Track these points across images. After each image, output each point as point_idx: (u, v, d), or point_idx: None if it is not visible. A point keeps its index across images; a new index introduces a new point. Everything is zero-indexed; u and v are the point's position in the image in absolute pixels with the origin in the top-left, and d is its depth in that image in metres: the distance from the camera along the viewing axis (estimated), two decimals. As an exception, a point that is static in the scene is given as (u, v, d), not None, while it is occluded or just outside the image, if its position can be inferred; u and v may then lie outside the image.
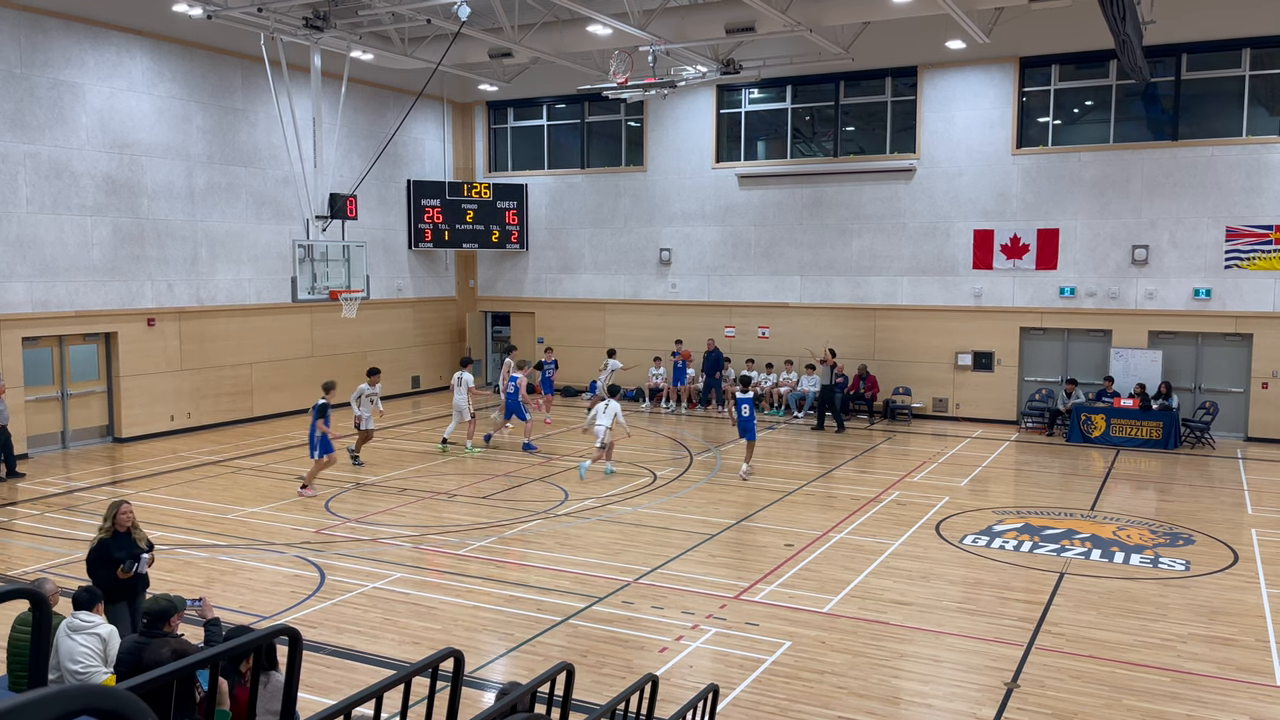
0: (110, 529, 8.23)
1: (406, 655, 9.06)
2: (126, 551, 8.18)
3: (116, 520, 8.25)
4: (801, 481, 16.40)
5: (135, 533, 8.38)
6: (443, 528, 13.59)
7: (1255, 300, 20.07)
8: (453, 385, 19.06)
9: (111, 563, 8.10)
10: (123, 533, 8.27)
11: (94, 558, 8.19)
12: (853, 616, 10.11)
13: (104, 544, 8.19)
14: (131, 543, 8.29)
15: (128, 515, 8.34)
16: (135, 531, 8.39)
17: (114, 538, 8.22)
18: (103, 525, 8.30)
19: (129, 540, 8.29)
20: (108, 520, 8.27)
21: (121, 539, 8.25)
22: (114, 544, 8.19)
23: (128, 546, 8.23)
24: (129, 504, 8.43)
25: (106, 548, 8.17)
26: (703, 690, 6.82)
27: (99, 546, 8.19)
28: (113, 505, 8.35)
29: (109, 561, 8.10)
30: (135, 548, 8.27)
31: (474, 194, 26.76)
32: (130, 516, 8.36)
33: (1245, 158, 19.98)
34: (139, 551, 8.27)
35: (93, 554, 8.22)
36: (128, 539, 8.29)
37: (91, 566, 8.20)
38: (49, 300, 18.44)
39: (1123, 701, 8.17)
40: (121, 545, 8.21)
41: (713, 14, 19.09)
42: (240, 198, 21.87)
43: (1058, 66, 21.53)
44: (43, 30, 18.15)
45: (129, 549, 8.22)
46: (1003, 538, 13.08)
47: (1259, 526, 13.80)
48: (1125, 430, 19.79)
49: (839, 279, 23.74)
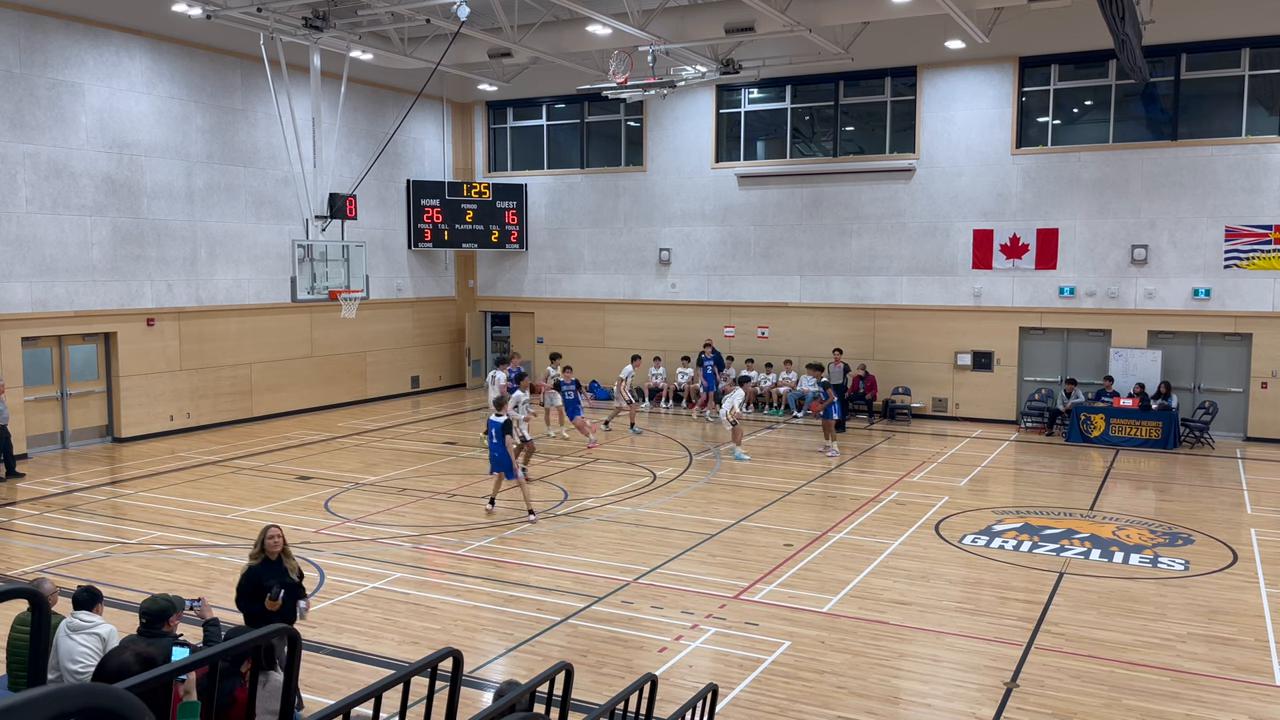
0: (259, 555, 7.69)
1: (406, 655, 9.06)
2: (276, 580, 7.62)
3: (265, 547, 7.69)
4: (801, 481, 16.40)
5: (287, 560, 7.78)
6: (442, 528, 13.59)
7: (1254, 300, 20.07)
8: (487, 384, 19.07)
9: (261, 592, 7.56)
10: (273, 560, 7.70)
11: (243, 586, 7.70)
12: (852, 616, 10.11)
13: (253, 572, 7.66)
14: (282, 571, 7.70)
15: (277, 541, 7.73)
16: (287, 560, 7.79)
17: (264, 565, 7.67)
18: (252, 552, 7.77)
19: (279, 568, 7.71)
20: (257, 546, 7.73)
21: (272, 567, 7.68)
22: (264, 572, 7.65)
23: (278, 575, 7.66)
24: (279, 528, 7.83)
25: (256, 576, 7.63)
26: (702, 690, 6.81)
27: (248, 574, 7.68)
28: (262, 531, 7.81)
29: (258, 591, 7.56)
30: (285, 576, 7.70)
31: (473, 194, 26.76)
32: (280, 542, 7.75)
33: (1245, 157, 19.99)
34: (289, 581, 7.70)
35: (242, 582, 7.72)
36: (278, 567, 7.70)
37: (240, 596, 7.69)
38: (48, 300, 18.44)
39: (1122, 701, 8.17)
40: (272, 573, 7.65)
41: (712, 14, 19.09)
42: (240, 198, 21.86)
43: (1057, 66, 21.53)
44: (42, 30, 18.15)
45: (279, 578, 7.65)
46: (1002, 537, 13.08)
47: (1258, 526, 13.80)
48: (1124, 430, 19.79)
49: (838, 279, 23.74)
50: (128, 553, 12.40)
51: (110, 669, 4.91)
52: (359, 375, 25.10)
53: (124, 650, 5.12)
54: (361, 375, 25.18)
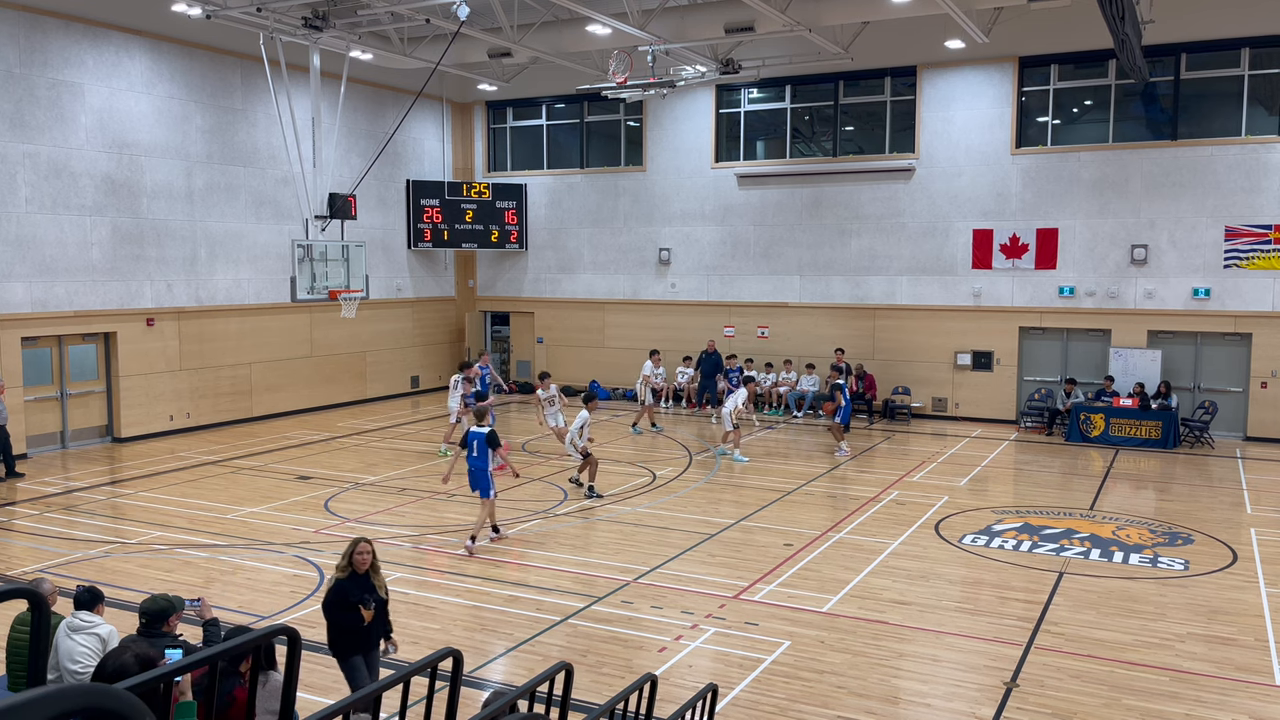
0: (347, 568, 7.41)
1: (406, 655, 9.05)
2: (364, 595, 7.35)
3: (354, 561, 7.41)
4: (801, 481, 16.40)
5: (375, 576, 7.49)
6: (442, 528, 13.59)
7: (1254, 300, 20.07)
8: (450, 387, 18.91)
9: (348, 606, 7.27)
10: (361, 574, 7.43)
11: (330, 601, 7.40)
12: (852, 616, 10.11)
13: (340, 585, 7.38)
14: (370, 587, 7.42)
15: (366, 556, 7.43)
16: (375, 575, 7.49)
17: (351, 579, 7.39)
18: (339, 564, 7.49)
19: (367, 584, 7.42)
20: (344, 559, 7.45)
21: (360, 581, 7.40)
22: (351, 586, 7.36)
23: (365, 590, 7.38)
24: (368, 542, 7.51)
25: (343, 590, 7.34)
26: (702, 690, 6.82)
27: (335, 588, 7.40)
28: (352, 542, 7.54)
29: (345, 605, 7.29)
30: (374, 593, 7.41)
31: (473, 194, 26.76)
32: (368, 558, 7.44)
33: (1244, 157, 19.99)
34: (377, 598, 7.42)
35: (329, 597, 7.42)
36: (366, 581, 7.42)
37: (328, 610, 7.41)
38: (48, 300, 18.44)
39: (1122, 701, 8.18)
40: (360, 587, 7.37)
41: (712, 14, 19.09)
42: (239, 198, 21.86)
43: (1057, 66, 21.54)
44: (41, 30, 18.14)
45: (367, 594, 7.37)
46: (1002, 537, 13.08)
47: (1258, 526, 13.80)
48: (1124, 430, 19.79)
49: (838, 279, 23.74)
50: (127, 553, 12.40)
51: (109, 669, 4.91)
52: (359, 375, 25.10)
53: (124, 651, 5.12)
54: (361, 375, 25.18)
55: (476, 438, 12.66)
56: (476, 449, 12.60)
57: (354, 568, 7.39)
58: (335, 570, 7.50)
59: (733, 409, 18.21)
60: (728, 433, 18.38)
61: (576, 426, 15.40)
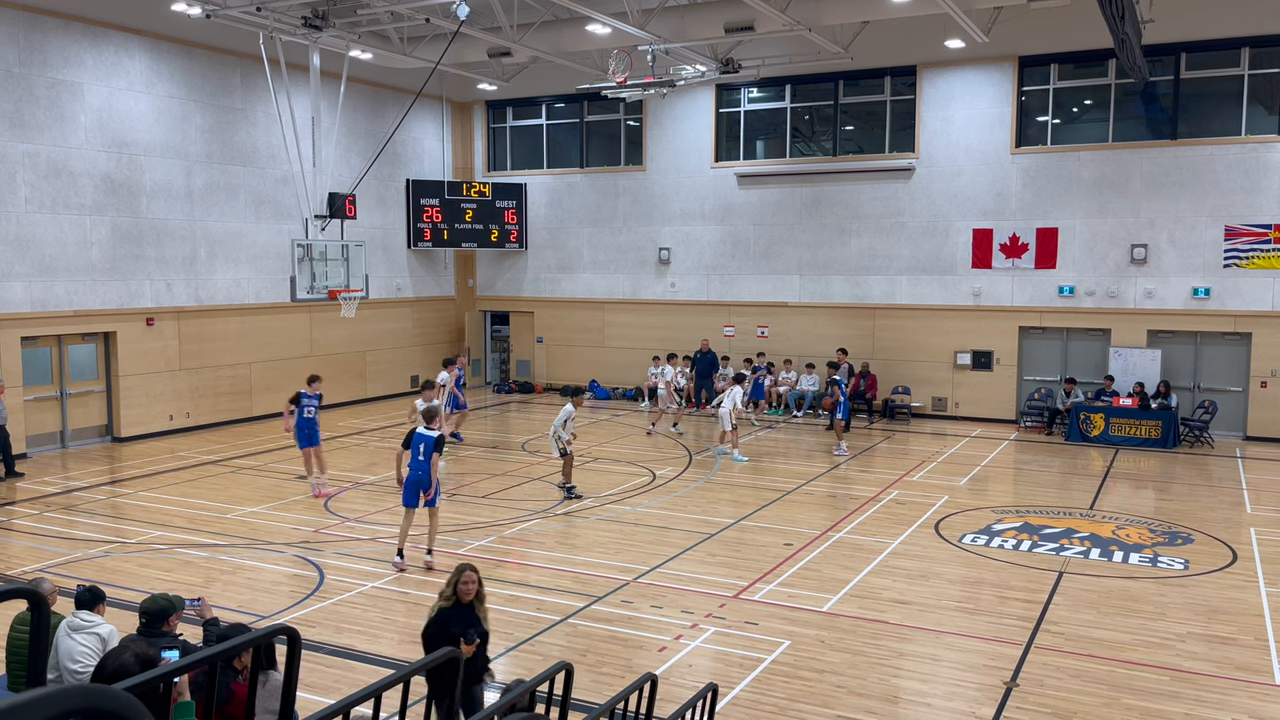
0: (451, 596, 7.07)
1: (406, 655, 9.06)
2: (467, 627, 6.95)
3: (458, 589, 7.06)
4: (801, 481, 16.40)
5: (479, 606, 7.14)
6: (442, 527, 13.57)
7: (1254, 299, 20.07)
8: (438, 385, 18.82)
9: (450, 638, 6.76)
10: (464, 604, 7.10)
11: (430, 630, 7.08)
12: (852, 615, 10.11)
13: (442, 615, 7.05)
14: (474, 618, 7.06)
15: (471, 585, 7.08)
16: (479, 606, 7.15)
17: (454, 608, 7.05)
18: (443, 592, 7.13)
19: (470, 614, 7.07)
20: (449, 588, 7.09)
21: (463, 610, 7.07)
22: (454, 615, 7.00)
23: (468, 622, 7.00)
24: (474, 571, 7.16)
25: (446, 620, 7.00)
26: (702, 689, 6.81)
27: (437, 618, 7.08)
28: (457, 569, 7.20)
29: (446, 637, 6.82)
30: (478, 624, 7.03)
31: (473, 193, 26.76)
32: (473, 588, 7.10)
33: (1244, 157, 19.99)
34: (480, 630, 7.02)
35: (430, 626, 7.10)
36: (469, 612, 7.08)
37: (427, 640, 7.06)
38: (48, 300, 18.43)
39: (1122, 700, 8.18)
40: (462, 618, 7.01)
41: (712, 13, 19.08)
42: (239, 197, 21.86)
43: (1057, 66, 21.53)
44: (41, 30, 18.14)
45: (470, 625, 6.98)
46: (1002, 537, 13.08)
47: (1258, 525, 13.81)
48: (1124, 429, 19.79)
49: (838, 278, 23.74)
50: (127, 552, 12.40)
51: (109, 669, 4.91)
52: (359, 375, 25.09)
53: (123, 650, 5.12)
54: (361, 375, 25.18)
55: (424, 440, 11.61)
56: (423, 453, 11.56)
57: (458, 597, 7.03)
58: (439, 598, 7.14)
59: (730, 409, 18.16)
60: (725, 432, 18.36)
61: (559, 421, 15.09)
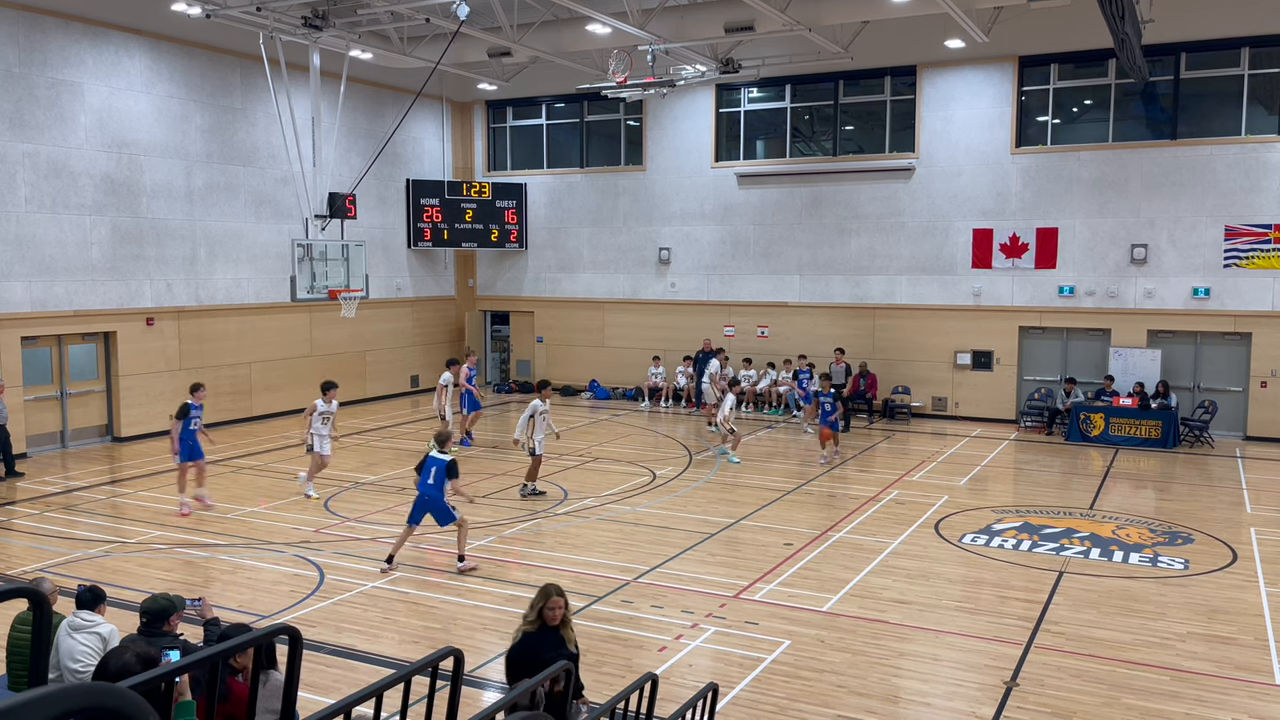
0: (536, 621, 6.64)
1: (406, 654, 9.05)
2: (554, 653, 6.39)
3: (543, 614, 6.64)
4: (801, 481, 16.40)
5: (565, 630, 6.70)
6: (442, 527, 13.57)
7: (1254, 299, 20.07)
8: (440, 387, 18.78)
9: (536, 664, 6.22)
10: (550, 628, 6.66)
11: (514, 655, 6.63)
12: (852, 615, 10.11)
13: (528, 639, 6.61)
14: (559, 642, 6.61)
15: (557, 611, 6.64)
16: (565, 629, 6.71)
17: (540, 632, 6.63)
18: (527, 615, 6.70)
19: (557, 639, 6.62)
20: (533, 611, 6.67)
21: (549, 635, 6.62)
22: (540, 641, 6.57)
23: (555, 646, 6.54)
24: (562, 596, 6.72)
25: (531, 645, 6.57)
26: (702, 689, 6.81)
27: (521, 642, 6.63)
28: (543, 591, 6.73)
29: (533, 663, 6.32)
30: (564, 648, 6.56)
31: (473, 193, 26.76)
32: (559, 612, 6.67)
33: (1244, 157, 19.99)
34: (568, 653, 6.50)
35: (514, 650, 6.65)
36: (556, 636, 6.63)
37: (512, 664, 6.62)
38: (48, 300, 18.43)
39: (1122, 700, 8.18)
40: (549, 643, 6.55)
41: (712, 13, 19.08)
42: (239, 197, 21.86)
43: (1057, 65, 21.53)
44: (41, 29, 18.13)
45: (556, 650, 6.49)
46: (1002, 537, 13.08)
47: (1258, 525, 13.81)
48: (1124, 429, 19.79)
49: (838, 278, 23.74)
50: (127, 552, 12.40)
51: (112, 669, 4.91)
52: (359, 375, 25.08)
53: (125, 650, 5.12)
54: (361, 375, 25.17)
55: (435, 464, 11.47)
56: (433, 477, 11.42)
57: (543, 621, 6.64)
58: (523, 621, 6.73)
59: (723, 416, 17.93)
60: (725, 435, 18.31)
61: (526, 416, 14.84)
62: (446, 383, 18.54)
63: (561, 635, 6.64)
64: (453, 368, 18.99)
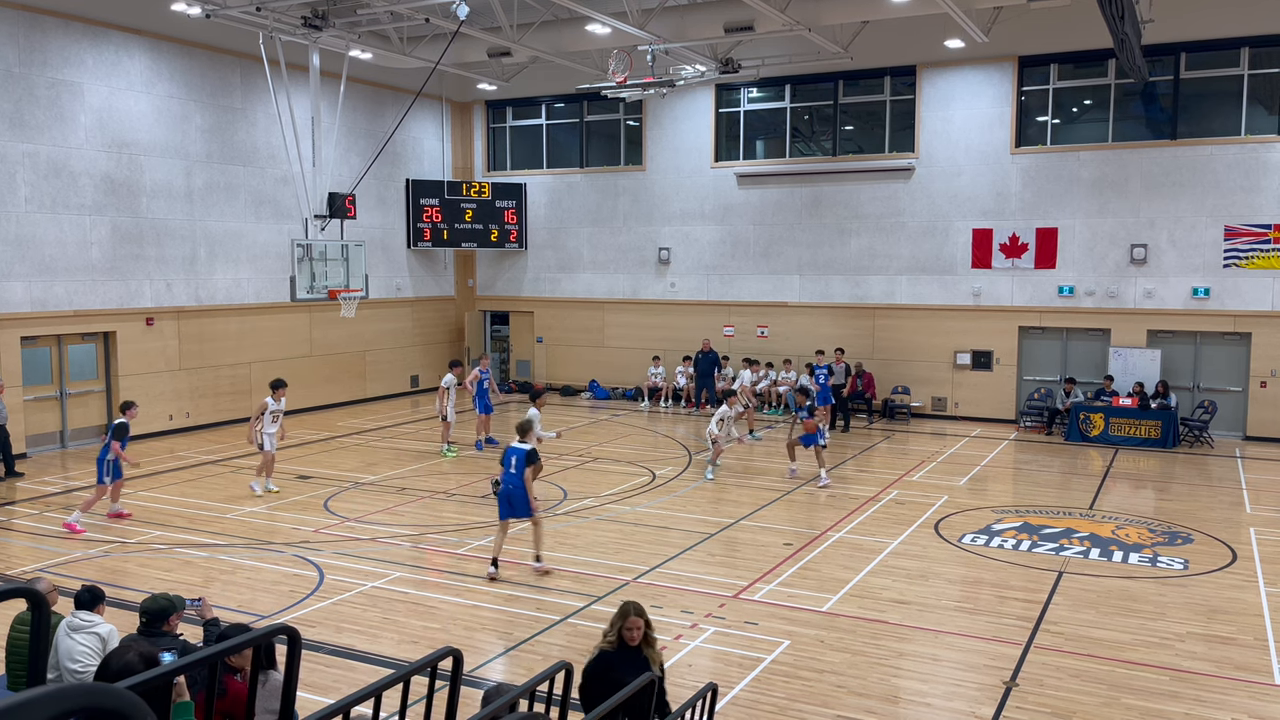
0: (615, 641, 6.35)
1: (406, 654, 9.06)
2: (634, 673, 5.88)
3: (622, 633, 6.35)
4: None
5: (647, 650, 6.39)
6: (442, 527, 13.58)
7: (1254, 299, 20.08)
8: (443, 388, 18.66)
9: (611, 683, 5.84)
10: (631, 648, 6.35)
11: (591, 671, 6.32)
12: (852, 615, 10.11)
13: (605, 658, 6.34)
14: (642, 663, 6.25)
15: (636, 632, 6.33)
16: (648, 649, 6.39)
17: (619, 651, 6.33)
18: (606, 633, 6.44)
19: (639, 660, 6.29)
20: (612, 630, 6.39)
21: (629, 655, 6.31)
22: (618, 660, 6.26)
23: (636, 667, 6.09)
24: (641, 616, 6.39)
25: (608, 663, 6.28)
26: (702, 689, 6.80)
27: (598, 660, 6.36)
28: (621, 610, 6.43)
29: (606, 681, 6.02)
30: (644, 667, 6.16)
31: (473, 193, 26.76)
32: (639, 633, 6.35)
33: (1244, 157, 19.99)
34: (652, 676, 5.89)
35: (591, 666, 6.36)
36: (637, 656, 6.31)
37: (587, 679, 6.30)
38: (47, 300, 18.43)
39: (1121, 700, 8.18)
40: (629, 663, 6.19)
41: (711, 13, 19.08)
42: (239, 197, 21.86)
43: (1056, 66, 21.53)
44: (41, 29, 18.13)
45: (638, 671, 5.95)
46: (1001, 537, 13.08)
47: (1257, 525, 13.81)
48: (1124, 429, 19.79)
49: (837, 278, 23.74)
50: (127, 552, 12.40)
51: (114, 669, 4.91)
52: (358, 375, 25.09)
53: (126, 650, 5.12)
54: (361, 375, 25.17)
55: (515, 454, 11.44)
56: (515, 466, 11.37)
57: (622, 640, 6.34)
58: (601, 639, 6.47)
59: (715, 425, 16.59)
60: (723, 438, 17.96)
61: None
62: (449, 385, 18.51)
63: (645, 655, 6.35)
64: (455, 369, 18.97)
